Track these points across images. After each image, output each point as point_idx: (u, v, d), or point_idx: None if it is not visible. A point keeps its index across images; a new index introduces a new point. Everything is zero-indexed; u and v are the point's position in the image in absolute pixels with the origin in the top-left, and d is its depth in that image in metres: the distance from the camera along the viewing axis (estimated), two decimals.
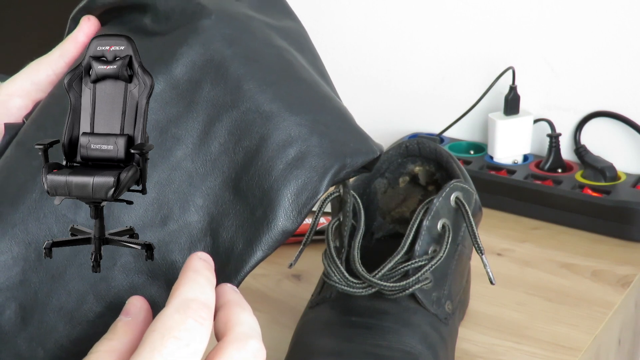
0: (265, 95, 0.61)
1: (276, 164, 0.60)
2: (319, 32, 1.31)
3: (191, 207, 0.61)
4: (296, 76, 0.63)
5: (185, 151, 0.61)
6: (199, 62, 0.62)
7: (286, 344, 0.84)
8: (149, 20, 0.65)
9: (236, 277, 0.60)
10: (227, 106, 0.61)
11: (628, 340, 1.05)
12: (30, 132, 0.63)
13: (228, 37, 0.63)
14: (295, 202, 0.60)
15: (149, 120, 0.61)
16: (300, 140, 0.61)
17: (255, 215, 0.60)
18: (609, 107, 1.17)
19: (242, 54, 0.62)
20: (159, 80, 0.62)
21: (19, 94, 0.67)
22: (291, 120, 0.61)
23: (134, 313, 0.56)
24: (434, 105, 1.28)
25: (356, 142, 0.62)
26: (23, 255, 0.60)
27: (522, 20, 1.20)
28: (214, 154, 0.61)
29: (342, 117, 0.63)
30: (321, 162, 0.60)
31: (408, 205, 0.93)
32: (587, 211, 1.10)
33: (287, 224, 0.60)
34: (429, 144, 0.91)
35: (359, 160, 0.62)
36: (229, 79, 0.62)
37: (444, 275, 0.85)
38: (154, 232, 0.60)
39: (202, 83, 0.62)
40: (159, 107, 0.62)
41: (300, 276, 1.00)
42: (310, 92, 0.63)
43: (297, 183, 0.60)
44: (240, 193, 0.60)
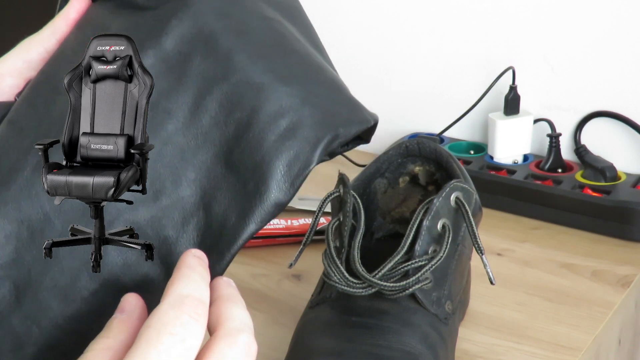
0: (256, 67, 0.61)
1: (268, 136, 0.59)
2: (319, 31, 1.31)
3: (183, 182, 0.60)
4: (288, 48, 0.63)
5: (176, 125, 0.60)
6: (188, 35, 0.61)
7: (286, 344, 0.84)
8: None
9: (229, 251, 0.59)
10: (217, 79, 0.61)
11: (628, 340, 1.05)
12: (22, 111, 0.63)
13: (218, 10, 0.62)
14: (288, 173, 0.59)
15: None
16: (292, 111, 0.60)
17: (247, 187, 0.59)
18: (609, 107, 1.17)
19: (232, 27, 0.62)
20: (149, 54, 0.61)
21: (11, 73, 0.67)
22: (282, 91, 0.60)
23: (129, 310, 0.56)
24: (434, 105, 1.28)
25: (349, 112, 0.62)
26: (16, 234, 0.60)
27: (522, 20, 1.20)
28: (205, 127, 0.60)
29: (335, 87, 0.63)
30: (313, 132, 0.60)
31: (408, 205, 0.93)
32: (587, 211, 1.10)
33: (280, 196, 0.59)
34: (429, 144, 0.91)
35: (352, 130, 0.61)
36: (219, 52, 0.61)
37: (444, 275, 0.85)
38: (147, 209, 0.60)
39: (192, 56, 0.61)
40: None
41: (300, 276, 1.00)
42: (303, 63, 0.63)
43: (289, 154, 0.59)
44: (232, 166, 0.60)
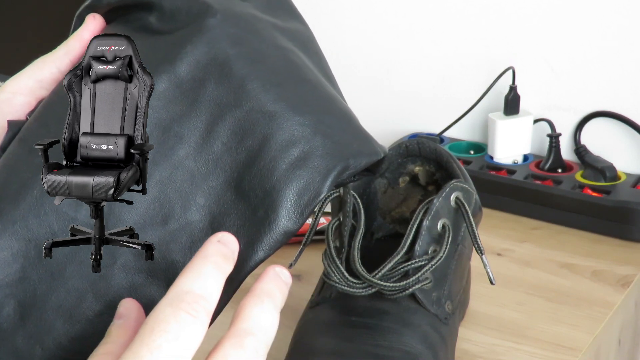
0: (269, 95, 0.61)
1: (279, 164, 0.60)
2: (319, 32, 1.31)
3: (192, 206, 0.60)
4: (301, 77, 0.63)
5: (188, 150, 0.61)
6: (203, 61, 0.62)
7: (286, 344, 0.84)
8: (155, 19, 0.65)
9: (237, 277, 0.59)
10: (230, 105, 0.61)
11: (628, 340, 1.05)
12: (33, 130, 0.63)
13: (233, 37, 0.63)
14: (298, 202, 0.59)
15: (152, 118, 0.60)
16: (303, 141, 0.60)
17: (256, 215, 0.59)
18: (609, 107, 1.17)
19: (246, 54, 0.62)
20: (163, 79, 0.62)
21: (23, 91, 0.67)
22: (295, 120, 0.61)
23: (125, 315, 0.56)
24: (434, 105, 1.28)
25: (360, 144, 0.62)
26: (23, 253, 0.60)
27: (522, 20, 1.20)
28: (216, 153, 0.61)
29: (346, 118, 0.63)
30: (324, 162, 0.60)
31: (408, 205, 0.93)
32: (587, 211, 1.10)
33: (289, 225, 0.59)
34: (429, 144, 0.91)
35: (362, 162, 0.61)
36: (233, 79, 0.61)
37: (444, 275, 0.85)
38: (155, 231, 0.60)
39: (205, 82, 0.62)
40: (162, 106, 0.61)
41: (300, 276, 1.00)
42: (315, 93, 0.63)
43: (299, 183, 0.59)
44: (242, 193, 0.60)
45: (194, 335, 0.52)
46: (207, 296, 0.53)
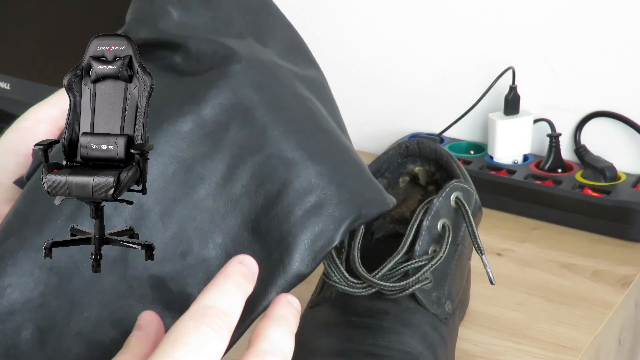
0: (288, 142, 0.63)
1: (295, 210, 0.62)
2: (319, 32, 1.31)
3: (210, 244, 0.62)
4: (318, 126, 0.65)
5: (208, 190, 0.62)
6: (227, 105, 0.64)
7: None
8: (180, 59, 0.66)
9: (249, 315, 0.60)
10: (251, 150, 0.63)
11: (628, 340, 1.05)
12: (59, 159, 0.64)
13: (256, 83, 0.64)
14: (311, 247, 0.62)
15: (176, 157, 0.62)
16: (319, 189, 0.63)
17: (272, 257, 0.61)
18: (609, 107, 1.17)
19: (269, 101, 0.64)
20: (187, 119, 0.63)
21: (46, 120, 0.68)
22: (312, 169, 0.63)
23: (145, 326, 0.57)
24: (434, 105, 1.28)
25: (372, 194, 0.64)
26: (44, 280, 0.61)
27: (522, 20, 1.20)
28: (235, 195, 0.63)
29: (359, 168, 0.65)
30: (338, 211, 0.62)
31: (408, 205, 0.93)
32: (587, 211, 1.10)
33: (302, 268, 0.61)
34: (429, 144, 0.91)
35: (374, 212, 0.64)
36: (256, 124, 0.63)
37: (444, 275, 0.85)
38: (173, 264, 0.62)
39: (229, 126, 0.63)
40: (187, 146, 0.63)
41: None
42: (331, 142, 0.65)
43: (314, 230, 0.62)
44: (258, 234, 0.62)
45: (216, 350, 0.52)
46: (230, 312, 0.54)
